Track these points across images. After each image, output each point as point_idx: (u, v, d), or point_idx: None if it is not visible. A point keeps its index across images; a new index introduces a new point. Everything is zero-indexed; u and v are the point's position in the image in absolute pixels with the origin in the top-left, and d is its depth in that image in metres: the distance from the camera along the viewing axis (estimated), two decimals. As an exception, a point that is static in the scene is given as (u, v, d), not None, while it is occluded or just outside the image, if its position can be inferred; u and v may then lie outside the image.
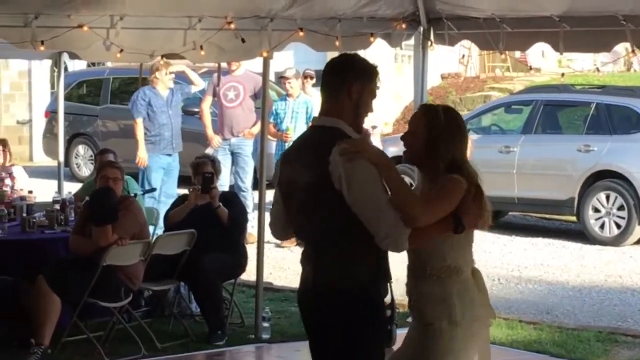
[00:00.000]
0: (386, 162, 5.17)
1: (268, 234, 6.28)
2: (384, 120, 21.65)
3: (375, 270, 5.24)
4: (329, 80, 5.45)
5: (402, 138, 5.51)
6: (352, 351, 5.29)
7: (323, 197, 5.12)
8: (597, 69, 24.18)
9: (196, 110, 15.98)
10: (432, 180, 5.35)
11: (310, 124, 5.97)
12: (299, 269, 5.46)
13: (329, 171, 5.06)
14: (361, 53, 14.05)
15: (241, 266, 10.52)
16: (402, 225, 5.00)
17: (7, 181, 12.32)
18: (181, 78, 15.58)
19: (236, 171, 14.99)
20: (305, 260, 5.42)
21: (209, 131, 15.19)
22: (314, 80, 16.71)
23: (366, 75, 5.43)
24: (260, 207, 10.58)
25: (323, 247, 5.32)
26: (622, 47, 10.23)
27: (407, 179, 6.12)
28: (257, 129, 14.34)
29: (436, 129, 5.37)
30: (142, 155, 13.97)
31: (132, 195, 11.08)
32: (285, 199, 5.43)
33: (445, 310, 5.28)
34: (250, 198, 15.00)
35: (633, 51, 10.27)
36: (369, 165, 5.07)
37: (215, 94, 15.44)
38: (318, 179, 5.16)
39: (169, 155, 14.67)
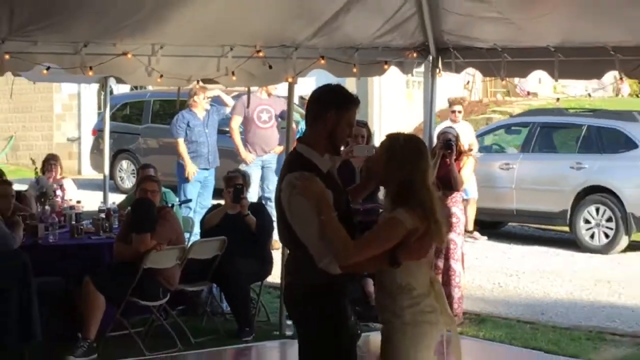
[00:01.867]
0: (325, 205, 5.14)
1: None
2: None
3: (331, 275, 5.27)
4: (310, 109, 5.56)
5: (367, 159, 5.58)
6: (316, 348, 5.46)
7: (282, 214, 5.32)
8: (589, 95, 24.12)
9: (226, 129, 15.98)
10: (387, 210, 5.42)
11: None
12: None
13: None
14: (376, 79, 14.03)
15: (267, 270, 10.54)
16: (330, 258, 5.12)
17: (58, 192, 12.38)
18: (215, 100, 15.58)
19: (265, 184, 15.00)
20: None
21: (242, 150, 15.21)
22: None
23: (343, 105, 5.46)
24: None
25: (290, 253, 5.65)
26: (611, 75, 10.22)
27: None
28: (281, 147, 14.48)
29: (393, 152, 5.37)
30: (191, 170, 14.09)
31: (170, 205, 11.10)
32: None
33: (398, 313, 5.29)
34: (276, 208, 14.94)
35: (621, 78, 10.30)
36: (305, 202, 5.16)
37: (243, 114, 15.49)
38: (279, 200, 5.38)
39: (206, 169, 14.75)
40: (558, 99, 20.48)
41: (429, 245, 5.24)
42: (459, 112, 16.96)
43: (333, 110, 5.37)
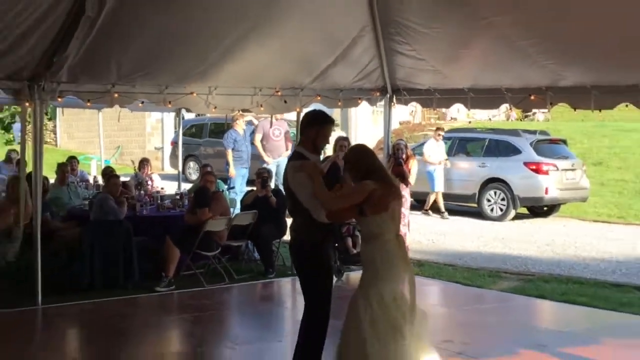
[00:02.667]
0: (315, 174, 5.32)
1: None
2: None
3: (321, 235, 5.49)
4: (302, 126, 5.86)
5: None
6: (308, 279, 5.57)
7: (289, 192, 5.52)
8: (490, 119, 24.22)
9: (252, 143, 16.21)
10: (355, 183, 5.40)
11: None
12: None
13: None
14: (353, 109, 13.93)
15: (283, 231, 10.50)
16: (320, 209, 5.26)
17: (149, 182, 12.49)
18: (249, 122, 15.62)
19: (278, 177, 15.03)
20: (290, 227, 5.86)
21: (264, 155, 15.26)
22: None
23: (319, 123, 5.65)
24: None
25: (294, 220, 5.68)
26: (504, 106, 10.24)
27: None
28: (288, 152, 14.40)
29: (349, 155, 5.67)
30: (233, 171, 14.11)
31: (221, 190, 11.15)
32: None
33: (370, 255, 5.28)
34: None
35: (510, 109, 10.31)
36: (302, 175, 5.36)
37: (262, 132, 15.60)
38: (286, 181, 5.58)
39: (245, 168, 14.79)
40: (470, 122, 20.61)
41: (386, 201, 5.18)
42: (440, 134, 16.84)
43: (315, 126, 5.60)
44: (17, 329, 7.72)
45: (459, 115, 24.89)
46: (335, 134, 16.35)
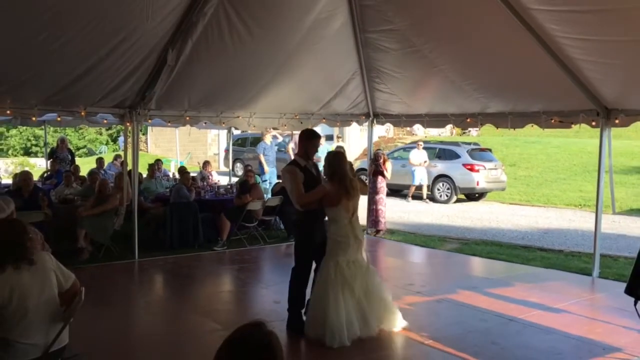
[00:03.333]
0: (294, 178, 5.18)
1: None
2: (354, 156, 21.55)
3: (311, 221, 5.26)
4: (298, 140, 5.69)
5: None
6: (296, 244, 5.46)
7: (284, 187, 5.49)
8: (439, 134, 24.11)
9: (282, 149, 16.03)
10: (326, 176, 5.32)
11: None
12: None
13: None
14: (347, 128, 13.86)
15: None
16: (296, 201, 5.18)
17: (210, 177, 12.43)
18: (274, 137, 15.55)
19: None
20: None
21: (292, 157, 15.20)
22: (332, 140, 16.73)
23: (309, 138, 5.48)
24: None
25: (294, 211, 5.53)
26: (449, 126, 10.22)
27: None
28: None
29: (327, 156, 5.43)
30: (267, 169, 13.97)
31: (257, 182, 11.10)
32: None
33: (330, 233, 5.21)
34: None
35: (453, 127, 10.27)
36: (288, 175, 5.23)
37: (293, 142, 15.48)
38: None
39: (272, 167, 14.71)
40: (426, 136, 20.51)
41: (337, 199, 5.10)
42: (420, 144, 16.42)
43: (305, 141, 5.48)
44: (121, 275, 7.79)
45: (419, 131, 24.81)
46: (337, 144, 16.40)
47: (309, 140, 5.46)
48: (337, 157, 5.31)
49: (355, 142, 23.09)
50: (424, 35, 7.61)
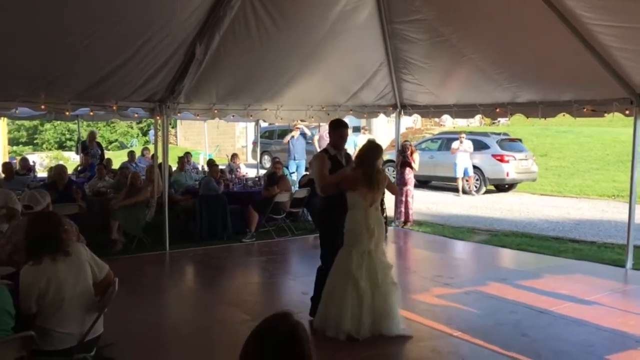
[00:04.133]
0: (322, 162, 5.22)
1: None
2: (383, 145, 21.42)
3: (333, 206, 5.20)
4: (329, 129, 5.56)
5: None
6: (320, 233, 5.49)
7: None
8: (468, 125, 23.84)
9: (309, 142, 16.03)
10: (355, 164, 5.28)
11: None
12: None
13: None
14: (374, 119, 13.82)
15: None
16: (319, 185, 5.22)
17: (238, 169, 12.48)
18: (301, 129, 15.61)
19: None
20: None
21: (318, 150, 15.10)
22: (359, 132, 16.67)
23: (335, 127, 5.47)
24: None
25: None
26: (478, 116, 10.10)
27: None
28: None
29: (362, 146, 5.34)
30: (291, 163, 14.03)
31: (285, 174, 11.13)
32: None
33: (347, 219, 5.14)
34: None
35: (482, 118, 10.15)
36: (316, 162, 5.30)
37: (319, 135, 15.51)
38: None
39: (300, 159, 14.77)
40: (454, 127, 20.29)
41: (355, 184, 5.04)
42: (463, 137, 15.50)
43: (332, 131, 5.47)
44: (153, 266, 7.92)
45: (447, 122, 24.56)
46: (366, 137, 16.37)
47: (335, 129, 5.48)
48: (370, 147, 5.21)
49: (382, 134, 22.97)
50: (452, 24, 7.53)
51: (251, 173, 13.85)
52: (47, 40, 6.31)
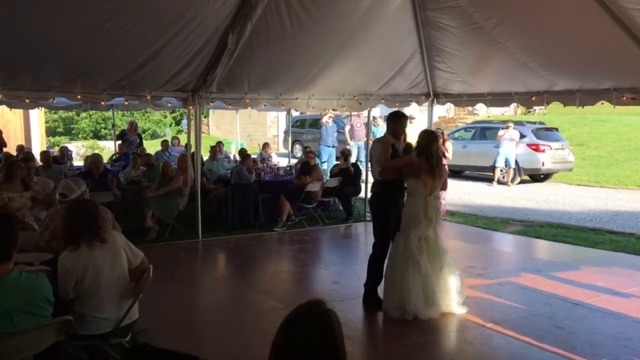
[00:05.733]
0: (385, 146, 5.39)
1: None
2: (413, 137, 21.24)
3: (390, 192, 5.47)
4: (387, 120, 5.75)
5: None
6: (374, 222, 5.69)
7: (371, 158, 5.68)
8: (502, 114, 23.44)
9: (340, 131, 16.03)
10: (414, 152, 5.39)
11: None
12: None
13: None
14: (407, 108, 13.81)
15: (359, 191, 10.53)
16: (376, 168, 5.44)
17: (270, 158, 12.55)
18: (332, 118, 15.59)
19: (358, 155, 14.92)
20: None
21: (348, 139, 15.19)
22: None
23: (394, 118, 5.65)
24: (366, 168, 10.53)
25: (373, 183, 5.70)
26: (513, 105, 9.92)
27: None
28: (364, 139, 14.29)
29: (419, 134, 5.43)
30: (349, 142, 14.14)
31: (317, 164, 11.15)
32: None
33: (406, 204, 5.34)
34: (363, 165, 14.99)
35: (517, 106, 9.96)
36: (378, 145, 5.51)
37: (349, 124, 15.48)
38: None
39: (333, 147, 14.78)
40: (488, 116, 19.98)
41: (417, 171, 5.19)
42: (511, 125, 15.22)
43: (392, 120, 5.64)
44: (186, 253, 8.04)
45: (480, 111, 24.19)
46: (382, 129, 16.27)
47: (393, 120, 5.66)
48: (426, 135, 5.37)
49: (414, 124, 22.82)
50: (486, 10, 7.38)
51: (282, 162, 13.91)
52: (82, 31, 6.42)
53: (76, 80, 7.39)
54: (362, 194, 10.67)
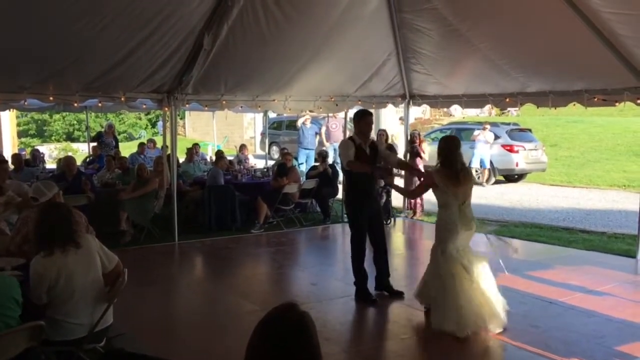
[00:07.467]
0: (347, 147, 5.58)
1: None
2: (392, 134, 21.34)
3: (360, 182, 5.66)
4: (353, 119, 5.87)
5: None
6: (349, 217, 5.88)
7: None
8: (477, 115, 23.69)
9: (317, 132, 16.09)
10: (438, 161, 5.14)
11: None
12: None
13: None
14: (383, 110, 13.83)
15: (336, 192, 10.52)
16: (345, 161, 5.75)
17: (246, 160, 12.48)
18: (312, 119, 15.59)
19: (335, 156, 14.93)
20: None
21: (325, 141, 15.19)
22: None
23: (359, 117, 5.76)
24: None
25: (345, 181, 6.04)
26: (487, 106, 10.02)
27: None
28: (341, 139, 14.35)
29: (440, 142, 5.27)
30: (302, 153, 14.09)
31: (294, 166, 11.11)
32: None
33: (438, 218, 5.10)
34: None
35: (492, 108, 10.07)
36: (343, 145, 5.72)
37: (325, 126, 15.48)
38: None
39: (310, 149, 14.75)
40: (463, 117, 20.17)
41: (430, 179, 5.05)
42: (487, 127, 15.43)
43: (357, 119, 5.75)
44: (162, 256, 7.95)
45: (456, 112, 24.41)
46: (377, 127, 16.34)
47: (358, 119, 5.74)
48: (448, 142, 5.12)
49: (390, 125, 22.90)
50: (461, 13, 7.46)
51: (259, 164, 13.85)
52: (54, 30, 6.31)
53: (48, 82, 7.26)
54: (339, 195, 10.69)
